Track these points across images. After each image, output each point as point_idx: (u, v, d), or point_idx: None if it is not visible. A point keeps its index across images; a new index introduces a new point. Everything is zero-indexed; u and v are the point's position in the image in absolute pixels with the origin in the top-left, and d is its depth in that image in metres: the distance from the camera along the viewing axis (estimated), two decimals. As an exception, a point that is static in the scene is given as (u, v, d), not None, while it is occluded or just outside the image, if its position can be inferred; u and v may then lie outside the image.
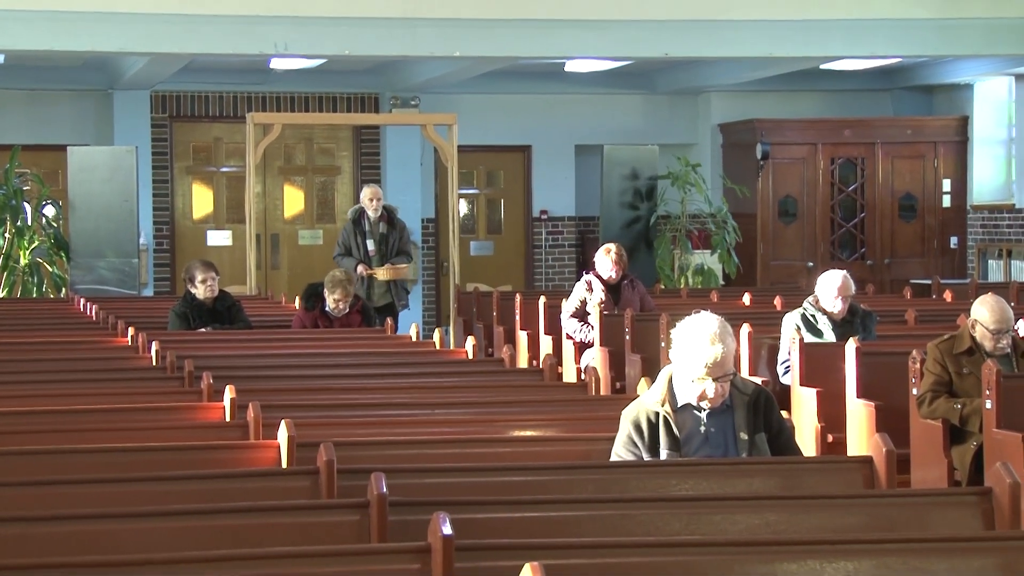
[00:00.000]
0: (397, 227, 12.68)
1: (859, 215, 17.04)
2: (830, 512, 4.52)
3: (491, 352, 11.76)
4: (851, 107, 17.44)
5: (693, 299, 11.94)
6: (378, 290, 12.42)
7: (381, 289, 12.43)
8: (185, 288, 10.35)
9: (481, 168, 17.78)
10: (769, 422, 5.28)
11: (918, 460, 7.40)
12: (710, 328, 5.14)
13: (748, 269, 16.42)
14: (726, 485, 4.95)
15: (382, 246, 12.52)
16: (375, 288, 12.40)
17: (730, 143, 17.37)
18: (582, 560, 3.91)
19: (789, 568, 3.92)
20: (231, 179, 16.98)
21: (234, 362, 8.23)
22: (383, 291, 12.44)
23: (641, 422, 5.22)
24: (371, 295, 12.25)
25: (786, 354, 8.75)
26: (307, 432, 5.53)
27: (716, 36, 14.01)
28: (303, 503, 4.66)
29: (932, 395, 7.28)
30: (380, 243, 12.52)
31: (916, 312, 10.27)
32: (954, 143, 17.16)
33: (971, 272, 16.80)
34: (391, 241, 12.58)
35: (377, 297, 12.35)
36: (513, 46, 13.97)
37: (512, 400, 6.81)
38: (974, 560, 3.97)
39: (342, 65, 15.76)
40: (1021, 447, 6.60)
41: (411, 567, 3.82)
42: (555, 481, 4.98)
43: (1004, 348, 7.29)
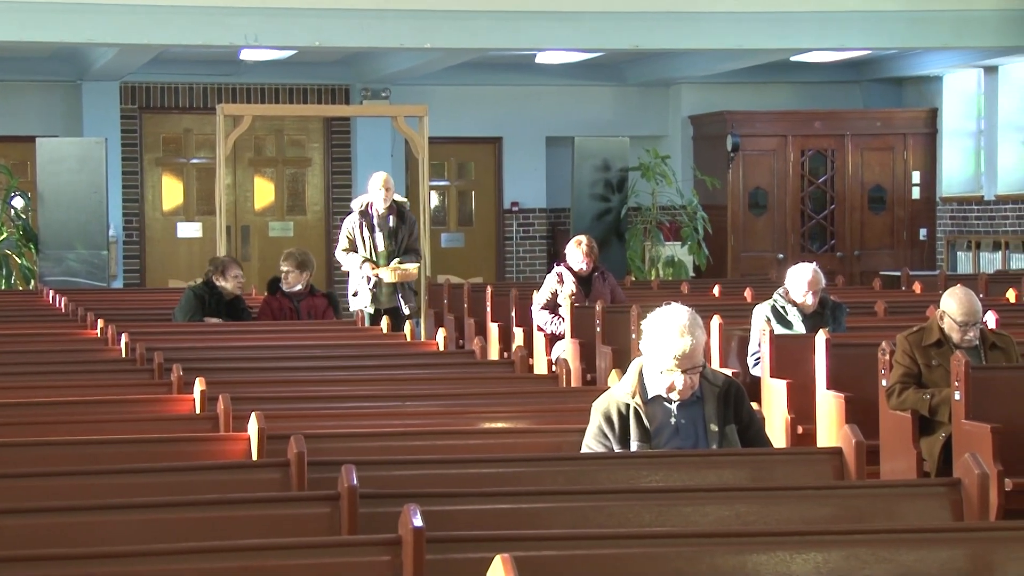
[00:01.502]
0: (407, 222, 11.33)
1: (829, 207, 17.09)
2: (800, 503, 4.54)
3: (462, 344, 11.76)
4: (821, 99, 17.49)
5: (664, 291, 11.96)
6: (385, 290, 11.17)
7: (388, 290, 11.18)
8: (208, 276, 10.38)
9: (452, 160, 17.77)
10: (739, 414, 5.29)
11: (887, 451, 7.43)
12: (680, 320, 5.15)
13: (718, 261, 16.46)
14: (696, 477, 4.96)
15: (391, 242, 11.20)
16: (382, 288, 11.17)
17: (700, 135, 17.40)
18: (552, 552, 3.92)
19: (759, 559, 3.93)
20: (201, 171, 16.93)
21: (204, 354, 8.20)
22: (389, 292, 11.17)
23: (612, 414, 5.23)
24: (377, 297, 11.13)
25: (756, 346, 8.77)
26: (277, 424, 5.52)
27: (686, 28, 14.03)
28: (273, 495, 4.65)
29: (901, 386, 7.31)
30: (389, 239, 11.19)
31: (885, 304, 10.30)
32: (923, 135, 17.23)
33: (940, 264, 16.87)
34: (400, 237, 11.24)
35: (384, 298, 11.17)
36: (484, 38, 13.96)
37: (483, 392, 6.81)
38: (943, 551, 3.99)
39: (312, 56, 15.72)
40: (989, 438, 6.63)
41: (382, 559, 3.82)
42: (526, 473, 4.98)
43: (972, 340, 7.33)
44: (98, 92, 16.23)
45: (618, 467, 5.03)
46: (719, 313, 9.24)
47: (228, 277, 10.22)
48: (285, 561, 3.81)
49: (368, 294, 11.05)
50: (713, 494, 4.58)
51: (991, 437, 6.64)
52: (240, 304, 10.31)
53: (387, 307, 11.00)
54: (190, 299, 10.22)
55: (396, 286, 11.13)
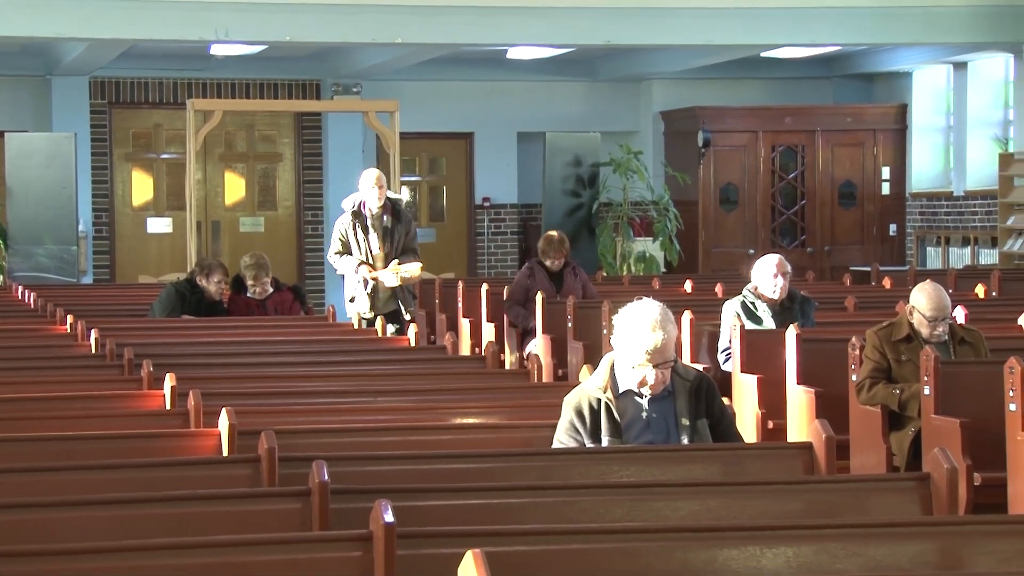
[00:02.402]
0: (404, 221, 10.62)
1: (799, 202, 17.14)
2: (771, 498, 4.55)
3: (433, 339, 11.75)
4: (792, 95, 17.53)
5: (635, 286, 11.97)
6: (383, 295, 10.54)
7: (386, 294, 10.54)
8: (193, 275, 10.35)
9: (423, 155, 17.75)
10: (710, 408, 5.30)
11: (857, 446, 7.46)
12: (651, 315, 5.15)
13: (689, 256, 16.49)
14: (667, 471, 4.97)
15: (387, 243, 10.51)
16: (379, 293, 10.54)
17: (672, 130, 17.42)
18: (524, 547, 3.92)
19: (730, 554, 3.94)
20: (171, 166, 16.87)
21: (174, 350, 8.18)
22: (388, 296, 10.55)
23: (583, 409, 5.23)
24: (375, 302, 10.51)
25: (727, 341, 8.79)
26: (248, 420, 5.51)
27: (658, 23, 14.05)
28: (244, 491, 4.64)
29: (871, 381, 7.34)
30: (385, 239, 10.51)
31: (855, 299, 10.33)
32: (893, 131, 17.29)
33: (910, 259, 16.94)
34: (397, 237, 10.53)
35: (382, 303, 10.53)
36: (455, 33, 13.95)
37: (454, 387, 6.81)
38: (912, 545, 4.01)
39: (283, 51, 15.68)
40: (959, 433, 6.67)
41: (353, 555, 3.82)
42: (497, 468, 4.98)
43: (941, 335, 7.36)
44: (67, 87, 16.16)
45: (589, 462, 5.03)
46: (690, 308, 9.26)
47: (211, 281, 10.17)
48: (256, 557, 3.81)
49: (366, 299, 10.45)
50: (684, 489, 4.59)
51: (960, 432, 6.67)
52: (220, 308, 10.26)
53: (385, 312, 10.43)
54: (171, 295, 10.18)
55: (395, 290, 10.51)
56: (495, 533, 4.00)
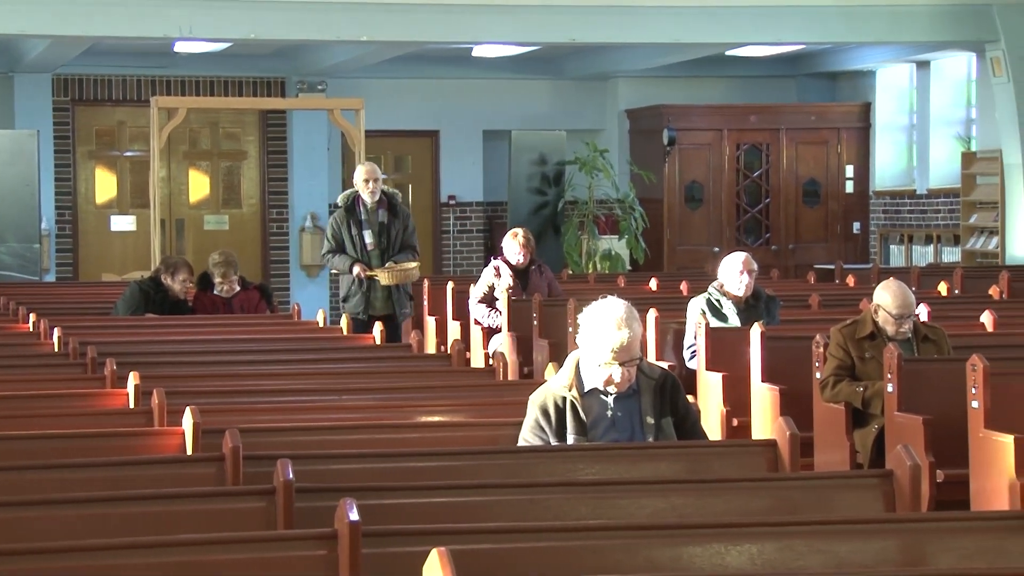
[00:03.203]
0: (400, 216, 10.30)
1: (764, 201, 17.19)
2: (735, 495, 4.57)
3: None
4: (756, 93, 17.58)
5: (600, 284, 11.99)
6: (379, 295, 10.18)
7: (382, 294, 10.19)
8: (158, 274, 10.29)
9: (389, 153, 17.72)
10: (675, 406, 5.31)
11: (821, 443, 7.49)
12: (617, 313, 5.16)
13: (655, 254, 16.52)
14: (633, 469, 4.98)
15: (382, 239, 10.21)
16: (375, 293, 10.19)
17: (637, 129, 17.45)
18: (489, 545, 3.92)
19: (694, 551, 3.95)
20: (135, 163, 16.79)
21: (138, 348, 8.15)
22: (384, 297, 10.19)
23: (548, 407, 5.24)
24: (370, 302, 10.17)
25: (692, 339, 8.82)
26: (212, 418, 5.49)
27: (623, 22, 14.07)
28: (208, 490, 4.63)
29: (835, 379, 7.37)
30: (380, 235, 10.20)
31: (819, 297, 10.38)
32: (857, 129, 17.36)
33: (873, 257, 17.02)
34: (393, 233, 10.22)
35: (379, 305, 10.18)
36: (421, 31, 13.94)
37: (420, 386, 6.81)
38: (876, 542, 4.03)
39: (248, 49, 15.63)
40: (921, 430, 6.70)
41: (317, 553, 3.81)
42: (462, 466, 4.99)
43: (905, 333, 7.40)
44: (30, 84, 16.06)
45: (555, 460, 5.04)
46: (655, 306, 9.28)
47: (177, 279, 10.12)
48: (220, 556, 3.80)
49: (361, 299, 10.12)
50: (649, 487, 4.60)
51: (923, 429, 6.71)
52: (184, 307, 10.21)
53: (382, 314, 10.05)
54: (135, 293, 10.13)
55: (392, 290, 10.18)
56: (460, 531, 4.00)
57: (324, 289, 16.94)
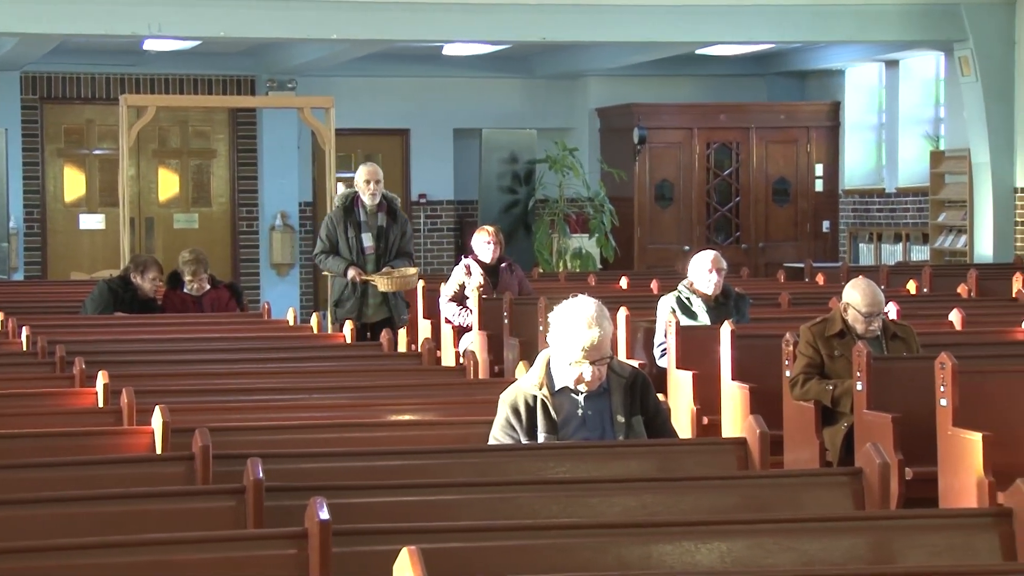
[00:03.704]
0: (399, 221, 9.98)
1: (734, 199, 17.23)
2: (705, 493, 4.57)
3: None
4: (726, 92, 17.62)
5: (571, 283, 12.00)
6: (373, 301, 9.86)
7: (376, 300, 9.87)
8: (127, 272, 10.25)
9: (359, 152, 17.68)
10: (646, 405, 5.32)
11: (791, 441, 7.51)
12: (587, 312, 5.17)
13: (625, 253, 16.54)
14: (603, 468, 4.98)
15: (380, 243, 9.86)
16: (369, 299, 9.87)
17: (607, 127, 17.47)
18: (459, 544, 3.92)
19: (665, 550, 3.96)
20: (104, 162, 16.73)
21: (107, 347, 8.12)
22: (379, 303, 9.88)
23: (519, 405, 5.24)
24: (363, 308, 9.83)
25: (662, 337, 8.83)
26: (182, 418, 5.48)
27: (594, 20, 14.08)
28: (178, 489, 4.61)
29: (804, 377, 7.39)
30: (379, 239, 9.86)
31: (789, 295, 10.40)
32: (826, 128, 17.42)
33: (843, 256, 17.08)
34: (391, 238, 9.89)
35: (372, 310, 9.86)
36: (391, 29, 13.91)
37: (390, 384, 6.80)
38: (845, 539, 4.04)
39: (217, 47, 15.58)
40: (890, 428, 6.73)
41: (288, 552, 3.80)
42: (433, 465, 4.98)
43: (875, 331, 7.42)
44: (-2, 82, 16.00)
45: (525, 459, 5.04)
46: (626, 305, 9.29)
47: (146, 278, 10.09)
48: (190, 555, 3.79)
49: (355, 304, 9.77)
50: (619, 485, 4.61)
51: (892, 427, 6.73)
52: (153, 305, 10.18)
53: (374, 320, 9.75)
54: (104, 292, 10.09)
55: (387, 296, 9.83)
56: (431, 530, 4.00)
57: (294, 288, 16.91)
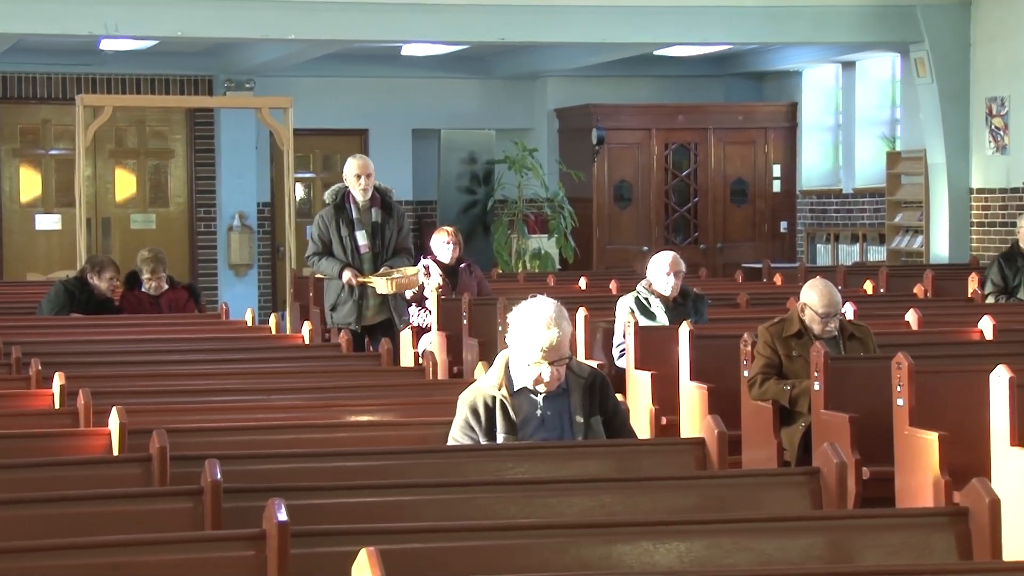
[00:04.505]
0: (395, 215, 9.28)
1: (692, 200, 17.28)
2: (663, 493, 4.58)
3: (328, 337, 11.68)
4: (684, 93, 17.67)
5: (530, 283, 12.01)
6: (372, 302, 9.20)
7: (376, 301, 9.20)
8: (83, 273, 10.20)
9: (317, 152, 17.65)
10: (604, 405, 5.33)
11: (749, 441, 7.54)
12: (546, 312, 5.17)
13: (584, 253, 16.56)
14: (562, 468, 4.98)
15: (376, 240, 9.18)
16: (367, 300, 9.21)
17: (566, 128, 17.48)
18: (419, 544, 3.92)
19: (623, 549, 3.96)
20: (60, 162, 16.62)
21: (64, 348, 8.07)
22: (378, 304, 9.21)
23: (478, 406, 5.24)
24: (362, 311, 9.20)
25: (621, 337, 8.84)
26: (139, 419, 5.45)
27: (552, 21, 14.09)
28: (135, 491, 4.59)
29: (762, 377, 7.42)
30: (374, 236, 9.19)
31: (747, 295, 10.44)
32: (784, 129, 17.49)
33: (800, 256, 17.15)
34: (388, 234, 9.21)
35: (371, 312, 9.22)
36: (349, 29, 13.88)
37: (349, 385, 6.78)
38: (802, 539, 4.06)
39: (174, 47, 15.51)
40: (847, 427, 6.76)
41: (246, 554, 3.79)
42: (392, 466, 4.98)
43: (832, 331, 7.46)
44: (-47, 81, 15.89)
45: (484, 459, 5.04)
46: (585, 305, 9.30)
47: (103, 278, 10.05)
48: (147, 557, 3.77)
49: (352, 308, 9.16)
50: (578, 485, 4.61)
51: (849, 426, 6.77)
52: (110, 306, 10.13)
53: (374, 323, 9.19)
54: (60, 293, 10.04)
55: (387, 297, 9.17)
56: (390, 531, 3.99)
57: (253, 289, 16.86)
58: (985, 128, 14.45)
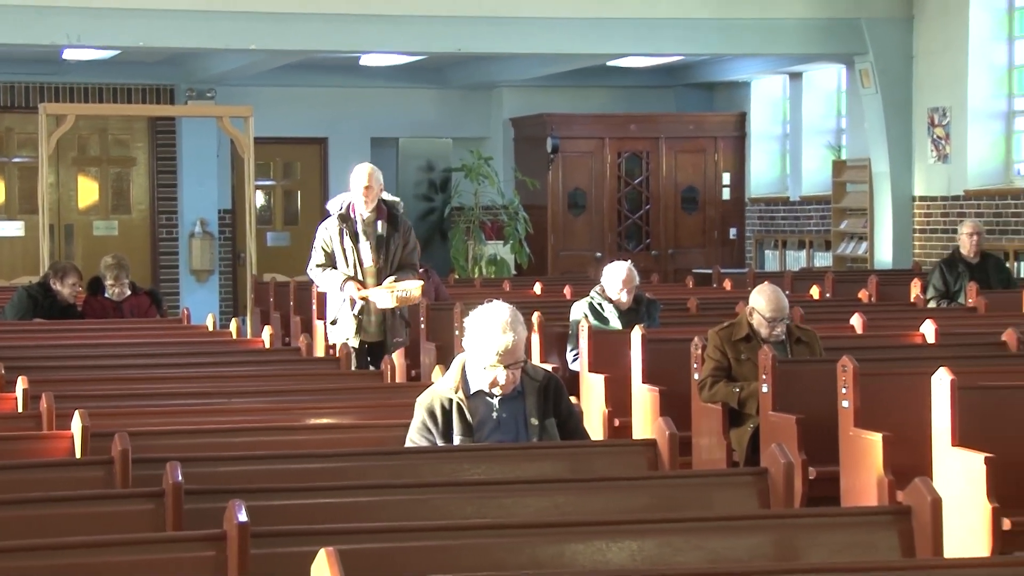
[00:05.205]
0: (401, 228, 8.67)
1: (644, 207, 17.32)
2: (616, 493, 4.59)
3: (288, 341, 11.65)
4: (636, 103, 17.71)
5: (486, 288, 12.01)
6: (375, 318, 8.58)
7: (377, 317, 8.57)
8: (46, 279, 10.14)
9: (278, 160, 17.60)
10: (559, 407, 5.33)
11: (699, 442, 7.56)
12: (502, 317, 5.18)
13: (539, 259, 16.57)
14: (517, 469, 4.99)
15: (381, 255, 8.58)
16: (370, 315, 8.58)
17: (521, 137, 17.50)
18: (376, 544, 3.91)
19: (576, 549, 3.97)
20: (23, 169, 16.51)
21: (27, 352, 8.01)
22: (379, 319, 8.59)
23: (435, 409, 5.23)
24: (364, 326, 8.57)
25: (575, 342, 8.85)
26: (101, 422, 5.42)
27: (508, 32, 14.10)
28: (97, 493, 4.56)
29: (712, 380, 7.44)
30: (378, 250, 8.58)
31: (697, 300, 10.47)
32: (733, 138, 17.56)
33: (749, 262, 17.22)
34: (392, 248, 8.59)
35: (373, 329, 8.61)
36: (308, 40, 13.86)
37: (308, 388, 6.76)
38: (751, 537, 4.07)
39: (137, 56, 15.43)
40: (795, 429, 6.79)
41: (207, 554, 3.77)
42: (351, 467, 4.96)
43: (779, 335, 7.49)
44: (-83, 90, 15.75)
45: (441, 461, 5.04)
46: (539, 310, 9.31)
47: (66, 284, 10.00)
48: (110, 558, 3.75)
49: (352, 322, 8.55)
50: (533, 486, 4.61)
51: (796, 428, 6.80)
52: (73, 311, 10.07)
53: (375, 340, 8.59)
54: (23, 299, 9.98)
55: (386, 312, 8.57)
56: (348, 531, 3.98)
57: (214, 294, 16.79)
58: (927, 138, 14.55)
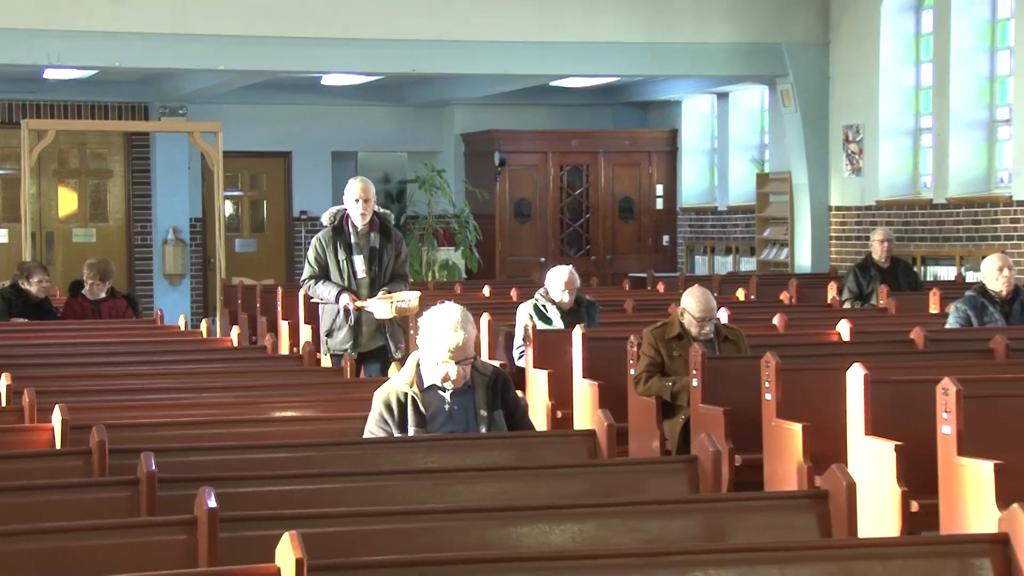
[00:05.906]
0: (394, 240, 8.19)
1: (584, 216, 17.35)
2: (559, 480, 4.59)
3: (255, 340, 11.59)
4: (577, 120, 17.74)
5: (439, 291, 11.99)
6: (367, 328, 8.06)
7: (371, 327, 8.06)
8: (15, 280, 10.10)
9: (245, 172, 17.52)
10: (506, 400, 5.33)
11: (635, 432, 7.58)
12: (453, 316, 5.17)
13: (488, 264, 16.58)
14: (467, 458, 4.98)
15: (374, 265, 8.12)
16: (364, 326, 8.07)
17: (471, 151, 17.50)
18: (337, 528, 3.89)
19: (522, 531, 3.97)
20: (7, 181, 16.35)
21: (10, 351, 7.92)
22: (373, 330, 8.07)
23: (391, 402, 5.22)
24: (358, 337, 8.06)
25: (521, 340, 8.85)
26: (80, 416, 5.37)
27: (459, 54, 14.10)
28: (76, 481, 4.52)
29: (647, 375, 7.46)
30: (371, 261, 8.12)
31: (633, 302, 10.49)
32: (665, 153, 17.62)
33: (680, 266, 17.28)
34: (385, 259, 8.13)
35: (367, 338, 8.08)
36: (273, 60, 13.81)
37: (274, 384, 6.73)
38: (682, 520, 4.08)
39: (113, 76, 15.32)
40: (722, 419, 6.82)
41: (178, 538, 3.75)
42: (313, 457, 4.94)
43: (708, 334, 7.52)
44: (-94, 106, 15.55)
45: (397, 450, 5.03)
46: (488, 311, 9.30)
47: (32, 282, 9.97)
48: (86, 542, 3.71)
49: (348, 333, 8.04)
50: (482, 473, 4.60)
51: (723, 419, 6.82)
52: (47, 306, 10.03)
53: (368, 350, 8.11)
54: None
55: (383, 323, 8.05)
56: (311, 516, 3.97)
57: (185, 297, 16.72)
58: (842, 153, 14.66)
